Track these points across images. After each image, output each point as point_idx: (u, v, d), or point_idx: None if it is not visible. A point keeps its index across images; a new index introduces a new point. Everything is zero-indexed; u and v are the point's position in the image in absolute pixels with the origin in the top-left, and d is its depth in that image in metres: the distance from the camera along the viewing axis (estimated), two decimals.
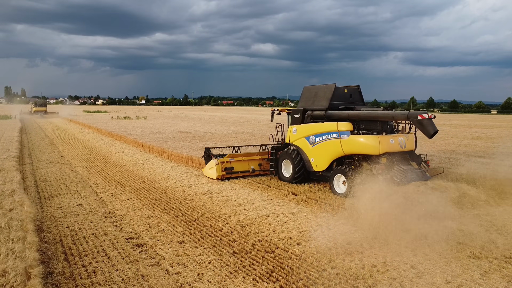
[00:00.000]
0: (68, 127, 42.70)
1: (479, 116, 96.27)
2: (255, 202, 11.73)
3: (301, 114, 14.30)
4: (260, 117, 67.61)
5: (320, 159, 13.18)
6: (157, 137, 27.93)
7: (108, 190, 13.31)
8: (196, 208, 11.16)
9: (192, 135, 29.99)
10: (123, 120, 51.34)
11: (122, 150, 23.64)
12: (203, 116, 69.19)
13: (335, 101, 13.53)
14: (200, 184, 14.17)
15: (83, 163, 19.12)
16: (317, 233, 8.93)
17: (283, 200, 12.05)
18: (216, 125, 43.24)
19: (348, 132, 12.16)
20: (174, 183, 14.44)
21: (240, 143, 22.24)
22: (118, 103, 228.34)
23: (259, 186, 13.96)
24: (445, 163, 16.49)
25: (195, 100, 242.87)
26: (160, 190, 13.34)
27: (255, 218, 10.10)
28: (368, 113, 12.35)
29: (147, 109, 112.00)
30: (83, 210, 10.76)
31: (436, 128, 10.91)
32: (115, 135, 30.97)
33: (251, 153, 16.39)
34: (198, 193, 12.80)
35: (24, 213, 8.65)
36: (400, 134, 12.37)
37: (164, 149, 21.36)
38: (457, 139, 28.94)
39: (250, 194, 12.63)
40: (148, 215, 10.39)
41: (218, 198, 12.14)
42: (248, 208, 11.01)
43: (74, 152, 22.85)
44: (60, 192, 12.83)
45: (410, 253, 7.73)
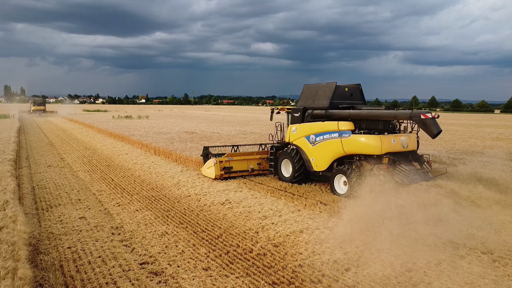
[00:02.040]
0: (68, 127, 41.21)
1: (484, 115, 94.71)
2: (282, 214, 10.30)
3: (301, 113, 13.93)
4: (264, 116, 66.12)
5: (320, 159, 12.87)
6: (162, 137, 26.47)
7: (114, 199, 11.86)
8: (216, 222, 9.71)
9: (198, 135, 28.53)
10: (124, 120, 49.82)
11: (125, 151, 22.18)
12: (206, 116, 67.71)
13: (335, 100, 13.21)
14: (216, 192, 12.73)
15: (84, 166, 17.66)
16: (365, 254, 7.53)
17: (312, 211, 10.63)
18: (221, 124, 41.78)
19: (349, 131, 11.84)
20: (187, 190, 12.99)
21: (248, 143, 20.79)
22: (118, 102, 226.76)
23: (282, 194, 12.52)
24: (485, 167, 14.90)
25: (195, 99, 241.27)
26: (172, 199, 11.89)
27: (287, 235, 8.67)
28: (370, 112, 11.89)
29: (148, 108, 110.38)
30: (87, 224, 9.31)
31: (439, 128, 10.48)
32: (117, 135, 29.51)
33: (250, 152, 15.84)
34: (216, 203, 11.35)
35: (16, 233, 7.19)
36: (402, 134, 12.06)
37: (171, 151, 19.91)
38: (477, 140, 27.50)
39: (275, 204, 11.20)
40: (163, 231, 8.93)
41: (239, 209, 10.70)
42: (276, 222, 9.58)
43: (74, 154, 21.38)
44: (60, 202, 11.38)
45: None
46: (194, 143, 22.89)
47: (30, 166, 17.64)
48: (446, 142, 25.45)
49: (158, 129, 34.41)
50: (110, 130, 32.61)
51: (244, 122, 46.72)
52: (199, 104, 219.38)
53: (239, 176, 15.03)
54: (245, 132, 31.28)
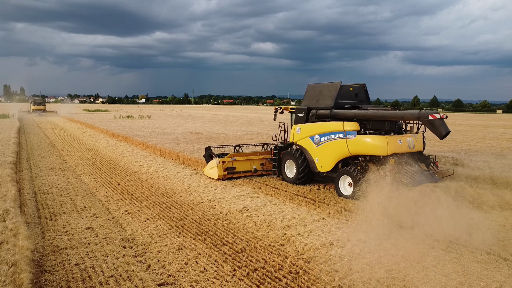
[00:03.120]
0: (69, 127, 40.33)
1: (487, 115, 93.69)
2: (307, 223, 9.46)
3: (305, 113, 13.72)
4: (267, 116, 65.26)
5: (325, 159, 12.67)
6: (167, 138, 25.62)
7: (122, 206, 11.00)
8: (236, 233, 8.86)
9: (204, 136, 27.68)
10: (126, 120, 48.93)
11: (129, 153, 21.32)
12: (208, 115, 66.82)
13: (340, 100, 12.99)
14: (231, 197, 11.88)
15: (88, 169, 16.80)
16: (410, 273, 6.69)
17: (338, 219, 9.79)
18: (225, 125, 40.92)
19: (354, 132, 11.64)
20: (199, 196, 12.14)
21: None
22: (118, 102, 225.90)
23: (301, 200, 11.67)
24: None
25: (195, 99, 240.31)
26: (185, 206, 11.04)
27: (317, 248, 7.83)
28: (376, 112, 11.67)
29: (148, 108, 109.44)
30: (95, 236, 8.45)
31: (448, 128, 10.24)
32: (120, 136, 28.65)
33: (253, 152, 15.54)
34: (232, 210, 10.51)
35: (18, 250, 6.33)
36: (408, 135, 11.84)
37: (178, 153, 19.07)
38: (491, 141, 26.65)
39: (296, 212, 10.36)
40: (179, 244, 8.08)
41: (259, 218, 9.85)
42: (302, 233, 8.74)
43: (77, 156, 20.51)
44: (64, 209, 10.52)
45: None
46: (201, 144, 22.03)
47: (31, 168, 16.79)
48: (460, 143, 24.63)
49: (161, 129, 33.54)
50: (113, 131, 31.75)
51: (248, 122, 45.85)
52: (199, 104, 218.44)
53: (242, 177, 14.75)
54: (251, 133, 30.43)
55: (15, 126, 36.31)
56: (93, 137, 29.59)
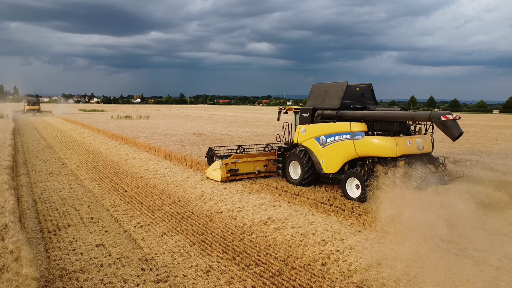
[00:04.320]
0: (66, 128, 39.03)
1: (485, 115, 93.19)
2: (343, 237, 8.46)
3: (310, 113, 13.41)
4: (267, 116, 64.29)
5: (331, 161, 12.38)
6: (170, 140, 24.51)
7: (133, 217, 9.92)
8: (268, 250, 7.82)
9: (208, 137, 26.61)
10: (124, 120, 47.65)
11: (132, 156, 20.20)
12: (207, 116, 65.64)
13: (346, 100, 12.67)
14: (251, 206, 10.83)
15: (90, 173, 15.67)
16: None
17: (376, 232, 8.77)
18: (228, 125, 39.84)
19: (362, 133, 11.34)
20: (216, 205, 11.07)
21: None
22: (113, 101, 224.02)
23: (328, 208, 10.64)
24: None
25: (191, 99, 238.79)
26: (203, 217, 9.98)
27: (364, 269, 6.83)
28: (385, 113, 11.41)
29: (145, 108, 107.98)
30: (108, 255, 7.36)
31: (461, 130, 10.02)
32: (121, 137, 27.49)
33: (256, 153, 15.20)
34: (257, 222, 9.46)
35: (21, 281, 5.23)
36: (417, 136, 11.54)
37: (185, 156, 17.99)
38: (507, 142, 25.83)
39: (328, 223, 9.34)
40: (206, 265, 7.02)
41: (288, 231, 8.81)
42: (341, 249, 7.73)
43: (77, 159, 19.35)
44: (69, 221, 9.41)
45: None
46: (206, 146, 20.86)
47: (29, 173, 15.63)
48: (474, 144, 23.78)
49: (162, 130, 32.40)
50: (112, 131, 30.57)
51: (250, 123, 44.80)
52: (195, 103, 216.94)
53: (246, 178, 14.33)
54: (257, 134, 29.40)
55: (10, 127, 34.96)
56: (92, 139, 28.39)
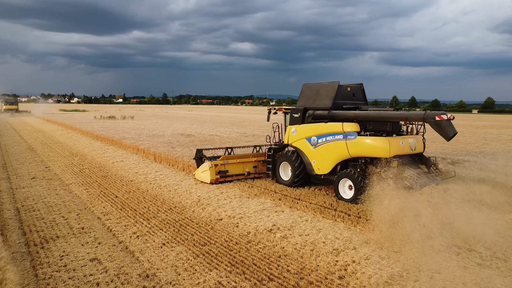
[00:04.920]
0: (47, 128, 37.57)
1: (465, 115, 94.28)
2: (356, 245, 7.95)
3: (301, 113, 13.18)
4: (252, 116, 63.73)
5: (322, 161, 12.21)
6: (158, 141, 23.66)
7: (127, 226, 9.19)
8: (278, 261, 7.24)
9: (197, 138, 25.85)
10: (108, 120, 46.30)
11: (120, 158, 19.31)
12: (192, 116, 64.59)
13: (338, 100, 12.56)
14: (253, 212, 10.23)
15: (76, 177, 14.79)
16: None
17: (388, 239, 8.28)
18: (215, 126, 39.08)
19: (354, 133, 11.21)
20: (215, 211, 10.43)
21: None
22: (94, 101, 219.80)
23: (334, 214, 10.12)
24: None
25: (174, 99, 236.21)
26: (203, 225, 9.33)
27: (387, 282, 6.33)
28: (378, 113, 11.32)
29: (128, 108, 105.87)
30: (104, 272, 6.65)
31: (455, 130, 9.99)
32: (106, 138, 26.45)
33: (246, 154, 14.87)
34: (261, 230, 8.87)
35: None
36: (409, 136, 11.51)
37: (176, 158, 17.25)
38: (496, 142, 25.95)
39: (337, 230, 8.82)
40: (215, 281, 6.39)
41: (296, 240, 8.26)
42: (357, 260, 7.21)
43: (61, 162, 18.37)
44: (57, 232, 8.62)
45: None
46: (197, 148, 20.22)
47: (10, 178, 14.64)
48: (466, 144, 23.76)
49: (149, 131, 31.44)
50: (96, 132, 29.46)
51: (237, 123, 44.14)
52: (178, 104, 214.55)
53: (235, 180, 14.02)
54: (246, 134, 28.78)
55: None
56: (75, 140, 27.25)
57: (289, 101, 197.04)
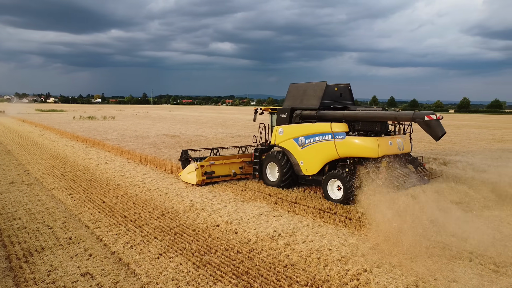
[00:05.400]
0: (23, 129, 36.05)
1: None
2: (364, 252, 7.59)
3: (288, 113, 13.05)
4: (235, 116, 63.20)
5: (310, 162, 12.08)
6: (143, 142, 22.89)
7: (119, 235, 8.58)
8: (286, 271, 6.80)
9: (183, 139, 25.18)
10: (88, 121, 44.88)
11: (104, 160, 18.51)
12: (174, 116, 63.51)
13: (326, 100, 12.50)
14: (250, 217, 9.75)
15: (59, 182, 13.98)
16: None
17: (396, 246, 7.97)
18: (199, 126, 38.37)
19: (343, 133, 11.15)
20: (210, 216, 9.91)
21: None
22: (72, 101, 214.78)
23: (334, 218, 9.75)
24: None
25: (154, 99, 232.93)
26: (199, 232, 8.81)
27: None
28: (367, 113, 11.25)
29: (107, 108, 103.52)
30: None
31: (444, 130, 10.07)
32: (87, 139, 25.46)
33: (232, 155, 14.65)
34: (262, 237, 8.42)
35: None
36: (397, 136, 11.54)
37: (164, 160, 16.62)
38: (481, 142, 26.26)
39: (341, 236, 8.45)
40: None
41: (301, 247, 7.84)
42: (369, 269, 6.85)
43: (41, 165, 17.44)
44: (43, 244, 7.93)
45: None
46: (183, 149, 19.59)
47: None
48: (453, 144, 23.92)
49: (132, 131, 30.53)
50: (77, 133, 28.39)
51: (221, 123, 43.53)
52: (158, 104, 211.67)
53: (222, 181, 13.82)
54: (232, 135, 28.28)
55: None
56: (55, 141, 26.13)
57: (270, 101, 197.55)
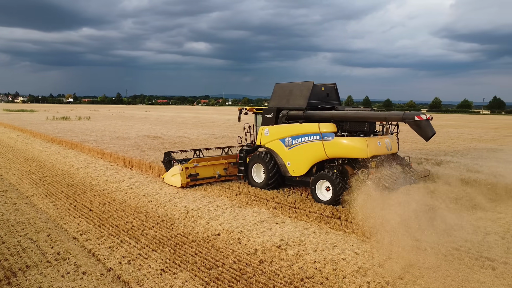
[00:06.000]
0: None
1: None
2: (380, 261, 7.15)
3: (274, 114, 12.88)
4: (214, 116, 62.32)
5: (298, 163, 11.95)
6: (124, 144, 21.86)
7: (113, 247, 7.81)
8: (305, 287, 6.26)
9: (166, 141, 24.26)
10: (62, 121, 42.94)
11: (84, 163, 17.46)
12: (151, 116, 61.89)
13: (313, 100, 12.39)
14: (252, 224, 9.17)
15: (38, 188, 12.96)
16: None
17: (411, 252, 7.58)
18: (180, 127, 37.36)
19: (332, 133, 11.05)
20: (208, 224, 9.26)
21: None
22: (42, 101, 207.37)
23: (339, 223, 9.30)
24: None
25: (128, 99, 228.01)
26: (200, 243, 8.16)
27: None
28: (357, 113, 11.24)
29: (80, 108, 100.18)
30: None
31: (434, 130, 10.10)
32: (64, 141, 24.15)
33: (216, 156, 14.47)
34: (269, 246, 7.85)
35: None
36: (385, 136, 11.57)
37: (150, 164, 15.79)
38: (463, 141, 26.61)
39: (352, 244, 8.01)
40: None
41: (313, 257, 7.33)
42: (391, 281, 6.42)
43: (15, 169, 16.24)
44: (27, 261, 7.07)
45: None
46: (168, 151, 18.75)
47: None
48: (438, 144, 24.09)
49: (111, 132, 29.28)
50: (52, 135, 26.93)
51: (201, 124, 42.62)
52: (132, 104, 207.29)
53: (206, 183, 13.48)
54: (216, 136, 27.54)
55: None
56: (28, 143, 24.66)
57: (245, 100, 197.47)
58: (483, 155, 18.83)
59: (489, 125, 47.93)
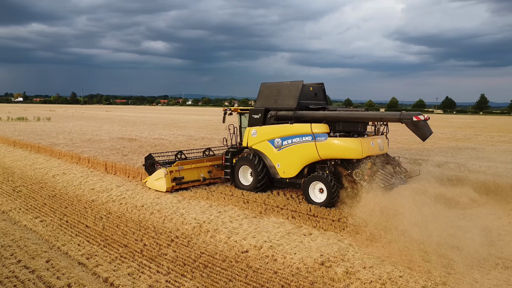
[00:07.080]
0: None
1: None
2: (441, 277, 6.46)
3: (262, 114, 12.48)
4: (183, 117, 60.44)
5: (288, 164, 11.67)
6: (99, 147, 20.08)
7: (133, 274, 6.56)
8: None
9: (144, 143, 22.65)
10: (19, 122, 39.51)
11: (59, 169, 15.69)
12: (115, 117, 58.86)
13: (302, 100, 12.12)
14: (279, 238, 8.24)
15: (14, 201, 11.25)
16: None
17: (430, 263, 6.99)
18: (152, 128, 35.49)
19: (325, 134, 10.84)
20: (230, 239, 8.21)
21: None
22: None
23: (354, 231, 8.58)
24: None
25: (84, 98, 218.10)
26: (234, 264, 7.12)
27: None
28: (352, 114, 11.13)
29: (34, 108, 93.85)
30: None
31: (431, 130, 10.10)
32: (28, 144, 21.88)
33: (200, 159, 13.89)
34: (312, 264, 6.96)
35: None
36: (378, 136, 11.47)
37: (139, 169, 14.39)
38: (443, 141, 27.04)
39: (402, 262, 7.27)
40: None
41: (367, 276, 6.54)
42: None
43: None
44: None
45: None
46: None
47: None
48: (421, 144, 24.19)
49: (79, 135, 27.07)
50: (12, 138, 24.44)
51: (172, 124, 40.89)
52: (89, 103, 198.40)
53: (191, 187, 12.94)
54: (195, 138, 26.20)
55: None
56: None
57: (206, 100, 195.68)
58: (472, 155, 18.99)
59: (451, 125, 49.65)
